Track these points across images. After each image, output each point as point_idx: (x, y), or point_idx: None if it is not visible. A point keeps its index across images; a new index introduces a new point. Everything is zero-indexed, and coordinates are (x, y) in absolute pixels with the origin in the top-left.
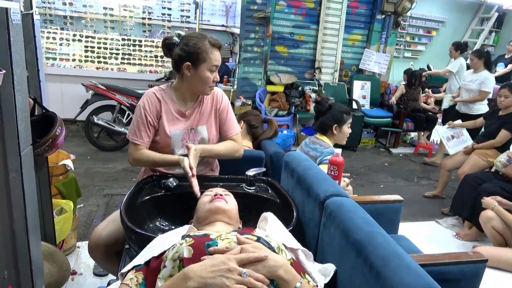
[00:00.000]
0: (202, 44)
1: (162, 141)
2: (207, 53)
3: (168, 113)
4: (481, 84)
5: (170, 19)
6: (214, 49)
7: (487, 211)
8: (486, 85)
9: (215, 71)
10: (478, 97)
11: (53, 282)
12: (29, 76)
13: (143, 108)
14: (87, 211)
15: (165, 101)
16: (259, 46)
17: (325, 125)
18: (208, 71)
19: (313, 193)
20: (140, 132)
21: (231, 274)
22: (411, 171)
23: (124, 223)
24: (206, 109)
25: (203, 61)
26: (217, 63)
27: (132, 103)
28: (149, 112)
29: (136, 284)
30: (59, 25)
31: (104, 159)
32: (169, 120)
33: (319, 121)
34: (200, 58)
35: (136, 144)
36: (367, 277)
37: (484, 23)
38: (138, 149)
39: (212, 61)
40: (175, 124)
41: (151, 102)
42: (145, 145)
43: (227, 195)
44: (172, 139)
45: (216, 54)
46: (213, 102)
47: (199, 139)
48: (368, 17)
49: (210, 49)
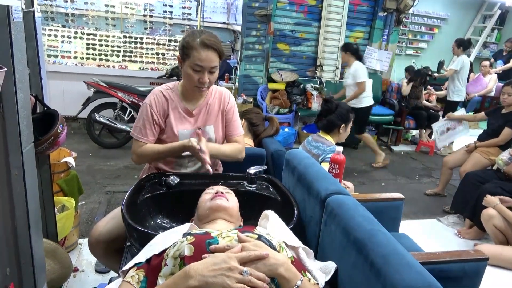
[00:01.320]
0: (191, 39)
1: (170, 140)
2: (192, 50)
3: (176, 112)
4: (354, 77)
5: (171, 16)
6: (202, 48)
7: (489, 209)
8: (358, 76)
9: (199, 71)
10: (357, 91)
11: (55, 279)
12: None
13: (150, 106)
14: (88, 208)
15: (172, 100)
16: (261, 43)
17: (333, 124)
18: (191, 69)
19: (314, 191)
20: (145, 130)
21: (232, 273)
22: (413, 169)
23: (126, 221)
24: (213, 109)
25: (187, 57)
26: (201, 63)
27: (134, 101)
28: (155, 110)
29: (137, 282)
30: (60, 23)
31: (105, 156)
32: (177, 119)
33: (326, 120)
34: (185, 53)
35: (141, 143)
36: (368, 275)
37: (487, 20)
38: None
39: (195, 59)
40: (182, 123)
41: (158, 101)
42: (149, 144)
43: (228, 193)
44: (180, 139)
45: (202, 54)
46: (221, 103)
47: (206, 139)
48: (370, 14)
49: (197, 47)
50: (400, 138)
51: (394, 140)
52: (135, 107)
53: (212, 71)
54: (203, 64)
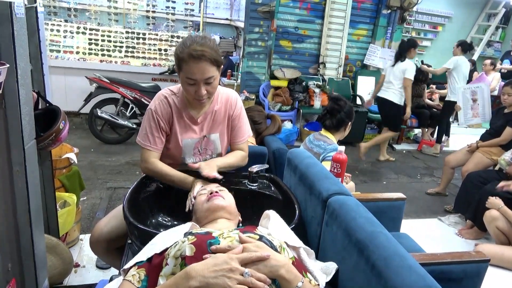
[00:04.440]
0: (180, 51)
1: (173, 148)
2: (182, 62)
3: (180, 120)
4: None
5: (174, 12)
6: (192, 61)
7: (492, 211)
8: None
9: (194, 84)
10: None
11: (56, 274)
12: (32, 70)
13: (155, 112)
14: (90, 204)
15: (176, 107)
16: (263, 40)
17: (343, 122)
18: (185, 82)
19: (316, 191)
20: (154, 138)
21: (233, 274)
22: (414, 167)
23: (127, 219)
24: (219, 116)
25: (180, 69)
26: (193, 76)
27: (136, 97)
28: (161, 117)
29: (138, 281)
30: (63, 17)
31: (107, 152)
32: (182, 127)
33: (336, 118)
34: (178, 65)
35: (149, 151)
36: (369, 276)
37: (491, 19)
38: (152, 156)
39: (186, 73)
40: (187, 131)
41: (163, 107)
42: (158, 151)
43: (222, 191)
44: (184, 148)
45: (192, 66)
46: (227, 109)
47: (212, 148)
48: (373, 12)
49: (186, 59)
50: (402, 136)
51: (396, 138)
52: (137, 103)
53: (208, 82)
54: (195, 78)
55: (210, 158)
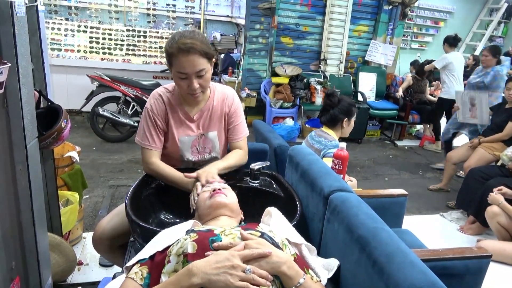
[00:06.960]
0: (169, 46)
1: (170, 146)
2: (172, 57)
3: (176, 118)
4: None
5: (174, 9)
6: (181, 54)
7: (493, 207)
8: None
9: (185, 78)
10: None
11: (59, 272)
12: (34, 69)
13: (151, 111)
14: (92, 202)
15: (171, 104)
16: (264, 37)
17: (337, 118)
18: (177, 77)
19: (317, 188)
20: (152, 136)
21: (234, 271)
22: (416, 163)
23: (129, 217)
24: (216, 113)
25: (171, 65)
26: (183, 70)
27: (137, 94)
28: (157, 115)
29: (141, 278)
30: (64, 16)
31: (109, 150)
32: (177, 125)
33: (329, 114)
34: (169, 61)
35: (149, 150)
36: (371, 273)
37: (493, 14)
38: (153, 156)
39: (177, 67)
40: (184, 129)
41: (158, 105)
42: (158, 150)
43: (225, 188)
44: (181, 146)
45: (182, 60)
46: (223, 106)
47: (210, 146)
48: (374, 7)
49: (175, 53)
50: (404, 132)
51: (398, 134)
52: (139, 101)
53: (199, 74)
54: (185, 71)
55: (209, 157)
